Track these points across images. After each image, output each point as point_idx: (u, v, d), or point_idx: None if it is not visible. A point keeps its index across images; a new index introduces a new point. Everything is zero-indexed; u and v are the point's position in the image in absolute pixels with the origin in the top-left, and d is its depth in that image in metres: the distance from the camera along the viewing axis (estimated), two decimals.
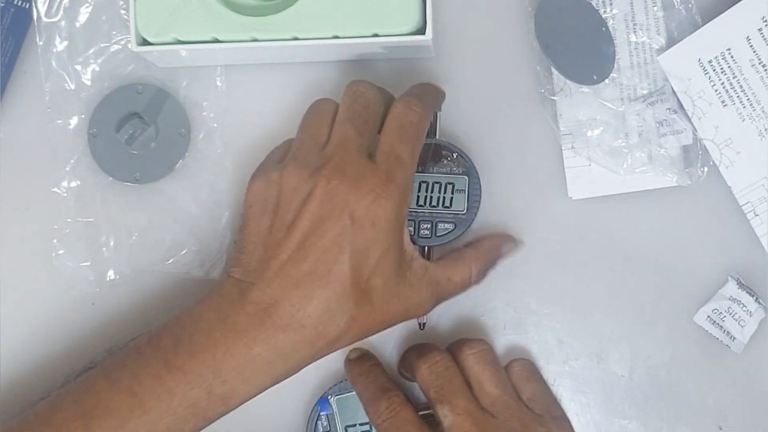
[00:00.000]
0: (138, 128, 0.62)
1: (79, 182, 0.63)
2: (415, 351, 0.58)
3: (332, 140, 0.53)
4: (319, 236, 0.51)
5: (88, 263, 0.63)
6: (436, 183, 0.60)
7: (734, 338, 0.58)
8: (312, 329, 0.50)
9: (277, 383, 0.52)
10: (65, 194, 0.63)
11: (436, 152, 0.60)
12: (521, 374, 0.58)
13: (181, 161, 0.63)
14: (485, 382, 0.55)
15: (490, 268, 0.59)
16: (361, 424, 0.59)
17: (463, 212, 0.60)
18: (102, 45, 0.63)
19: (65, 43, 0.63)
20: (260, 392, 0.52)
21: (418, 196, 0.59)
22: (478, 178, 0.60)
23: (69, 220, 0.63)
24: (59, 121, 0.63)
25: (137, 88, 0.63)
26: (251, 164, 0.58)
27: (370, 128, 0.54)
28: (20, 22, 0.63)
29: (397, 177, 0.52)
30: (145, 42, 0.59)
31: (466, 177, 0.60)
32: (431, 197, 0.60)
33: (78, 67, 0.63)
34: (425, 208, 0.59)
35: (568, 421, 0.57)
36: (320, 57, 0.62)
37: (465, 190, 0.60)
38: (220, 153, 0.63)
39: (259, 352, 0.50)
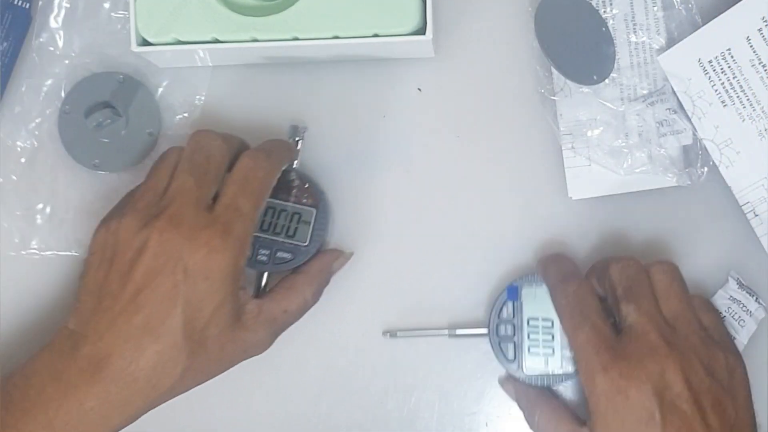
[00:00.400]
0: (108, 118, 0.62)
1: (36, 144, 0.64)
2: (607, 257, 0.57)
3: (170, 191, 0.54)
4: (152, 289, 0.51)
5: (19, 224, 0.64)
6: (283, 211, 0.60)
7: (734, 338, 0.58)
8: (145, 382, 0.51)
9: None
10: (18, 150, 0.64)
11: (290, 180, 0.60)
12: (701, 305, 0.57)
13: (143, 160, 0.64)
14: (671, 295, 0.54)
15: (324, 286, 0.60)
16: (543, 319, 0.58)
17: (305, 244, 0.60)
18: (98, 19, 0.64)
19: (66, 7, 0.64)
20: None
21: (263, 221, 0.59)
22: (327, 212, 0.60)
23: (14, 177, 0.64)
24: (33, 80, 0.64)
25: (118, 77, 0.63)
26: None
27: (211, 180, 0.54)
28: (20, 22, 0.63)
29: (235, 229, 0.52)
30: (145, 42, 0.59)
31: (314, 209, 0.60)
32: (275, 224, 0.60)
33: (70, 34, 0.63)
34: (267, 233, 0.60)
35: (742, 359, 0.55)
36: (320, 57, 0.62)
37: (311, 223, 0.60)
38: None
39: (93, 407, 0.51)
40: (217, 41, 0.58)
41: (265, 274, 0.60)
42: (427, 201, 0.62)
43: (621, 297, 0.53)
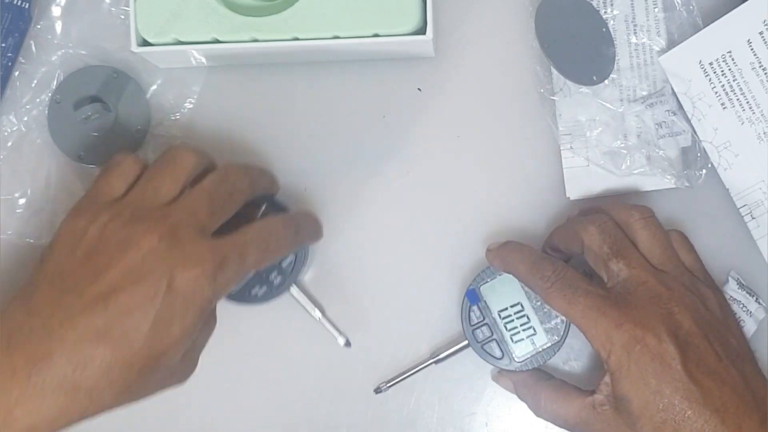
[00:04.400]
0: (97, 112, 0.62)
1: (24, 130, 0.63)
2: (570, 222, 0.57)
3: (181, 203, 0.51)
4: (127, 294, 0.47)
5: None
6: None
7: None
8: (85, 393, 0.46)
9: None
10: (6, 134, 0.63)
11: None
12: (681, 244, 0.56)
13: None
14: (655, 244, 0.54)
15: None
16: (512, 306, 0.59)
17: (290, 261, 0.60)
18: (98, 12, 0.63)
19: None
20: None
21: None
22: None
23: None
24: (28, 66, 0.63)
25: (112, 72, 0.63)
26: None
27: (224, 216, 0.52)
28: (20, 22, 0.62)
29: (229, 271, 0.49)
30: (145, 42, 0.59)
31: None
32: None
33: (69, 24, 0.63)
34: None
35: (723, 294, 0.57)
36: (320, 57, 0.62)
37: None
38: None
39: (21, 416, 0.45)
40: (217, 41, 0.58)
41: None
42: (425, 203, 0.63)
43: (609, 255, 0.53)
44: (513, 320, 0.59)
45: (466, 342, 0.59)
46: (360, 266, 0.63)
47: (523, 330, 0.59)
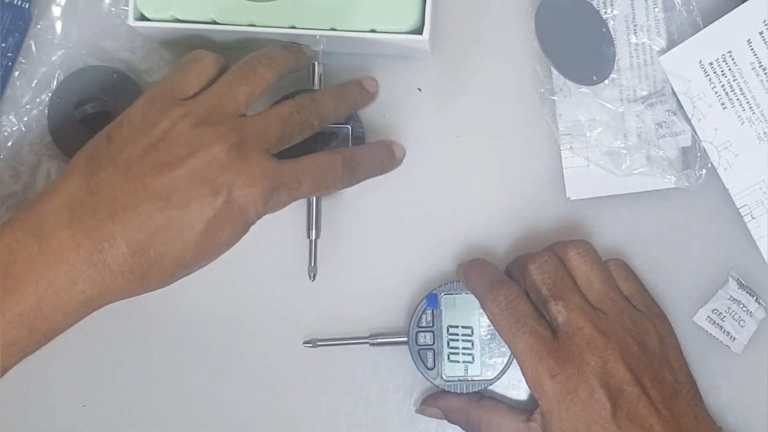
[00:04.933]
0: (97, 112, 0.62)
1: (23, 129, 0.64)
2: (522, 256, 0.57)
3: (254, 120, 0.52)
4: (189, 195, 0.49)
5: None
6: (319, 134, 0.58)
7: (734, 338, 0.59)
8: (138, 277, 0.49)
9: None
10: (6, 133, 0.64)
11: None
12: (619, 273, 0.57)
13: None
14: (593, 280, 0.55)
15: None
16: (463, 327, 0.59)
17: None
18: (98, 12, 0.64)
19: None
20: (78, 321, 0.50)
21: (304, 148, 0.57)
22: (361, 125, 0.60)
23: None
24: (28, 65, 0.64)
25: (112, 72, 0.63)
26: None
27: (289, 143, 0.54)
28: (20, 22, 0.62)
29: (282, 196, 0.52)
30: (143, 18, 0.59)
31: (347, 126, 0.59)
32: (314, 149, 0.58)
33: (69, 24, 0.63)
34: None
35: (667, 318, 0.57)
36: (318, 47, 0.61)
37: (348, 140, 0.59)
38: None
39: (84, 290, 0.48)
40: (214, 23, 0.58)
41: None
42: (425, 202, 0.63)
43: (547, 297, 0.53)
44: (458, 340, 0.59)
45: (405, 339, 0.60)
46: (357, 266, 0.63)
47: (463, 353, 0.59)
